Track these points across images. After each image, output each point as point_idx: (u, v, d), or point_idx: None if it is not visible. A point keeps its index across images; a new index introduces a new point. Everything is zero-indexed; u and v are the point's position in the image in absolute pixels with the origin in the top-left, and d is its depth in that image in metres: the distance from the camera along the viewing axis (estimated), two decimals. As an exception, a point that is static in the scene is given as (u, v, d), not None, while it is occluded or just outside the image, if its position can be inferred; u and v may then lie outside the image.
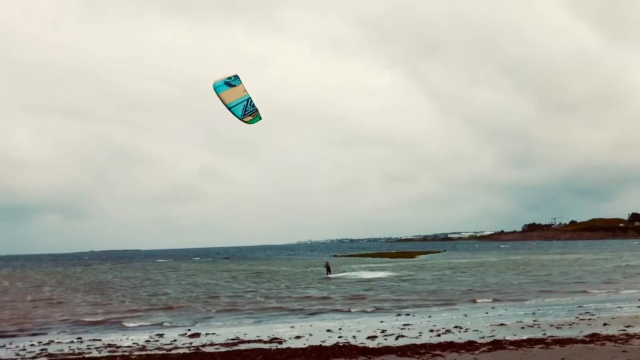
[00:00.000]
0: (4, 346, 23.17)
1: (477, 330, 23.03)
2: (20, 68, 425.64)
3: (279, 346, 20.66)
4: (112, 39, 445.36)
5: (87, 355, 20.10)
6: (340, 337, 22.52)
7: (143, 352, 20.25)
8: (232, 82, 14.02)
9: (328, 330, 24.33)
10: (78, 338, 24.75)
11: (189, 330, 26.18)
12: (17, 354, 20.93)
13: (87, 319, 31.93)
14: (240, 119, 14.13)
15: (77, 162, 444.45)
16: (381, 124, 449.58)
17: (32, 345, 23.14)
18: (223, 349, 20.38)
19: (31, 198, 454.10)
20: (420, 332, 23.03)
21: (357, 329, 24.76)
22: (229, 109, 13.82)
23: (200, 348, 20.91)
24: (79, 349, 21.94)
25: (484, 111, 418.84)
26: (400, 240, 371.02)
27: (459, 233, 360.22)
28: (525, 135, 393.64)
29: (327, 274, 59.09)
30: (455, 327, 24.11)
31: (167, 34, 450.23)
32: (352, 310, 32.99)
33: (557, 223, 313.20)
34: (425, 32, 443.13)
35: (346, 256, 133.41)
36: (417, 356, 17.41)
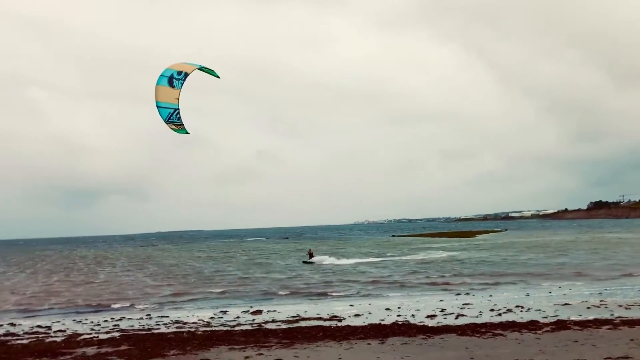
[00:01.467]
0: (80, 321, 24.63)
1: (539, 310, 22.61)
2: (85, 56, 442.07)
3: (339, 324, 21.01)
4: (173, 24, 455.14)
5: (155, 331, 21.09)
6: (399, 315, 22.65)
7: (208, 329, 21.07)
8: (176, 79, 14.23)
9: (387, 309, 24.49)
10: (147, 315, 25.99)
11: (251, 307, 26.95)
12: (92, 329, 22.20)
13: (154, 297, 33.38)
14: (165, 122, 14.18)
15: (141, 146, 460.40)
16: (439, 100, 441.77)
17: (105, 321, 24.49)
18: (284, 326, 20.92)
19: (100, 182, 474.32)
20: (480, 312, 22.83)
21: (416, 307, 24.81)
22: (157, 106, 13.97)
23: (262, 325, 21.55)
24: (148, 324, 23.05)
25: (547, 83, 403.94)
26: (459, 219, 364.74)
27: (520, 212, 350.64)
28: (592, 108, 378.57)
29: (309, 259, 58.28)
30: (517, 306, 23.74)
31: (228, 15, 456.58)
32: (410, 289, 33.01)
33: (625, 200, 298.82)
34: (484, 1, 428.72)
35: (404, 236, 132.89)
36: (477, 335, 17.31)
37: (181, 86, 14.14)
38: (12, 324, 24.40)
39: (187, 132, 14.70)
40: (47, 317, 26.70)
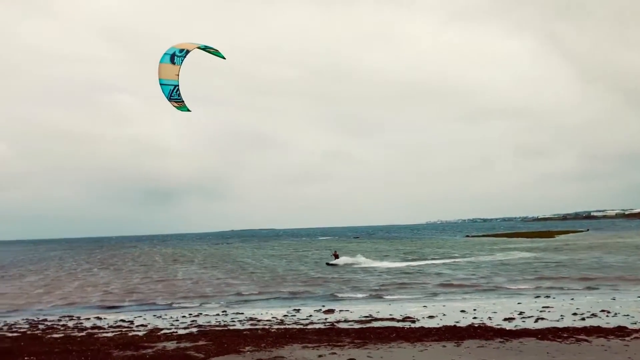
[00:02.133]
0: (160, 317, 25.65)
1: (627, 315, 21.32)
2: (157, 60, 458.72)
3: (412, 325, 20.70)
4: (244, 26, 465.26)
5: (231, 327, 21.60)
6: (475, 317, 22.03)
7: (282, 326, 21.35)
8: (177, 56, 14.36)
9: (462, 311, 23.90)
10: (223, 311, 26.70)
11: (323, 306, 27.07)
12: (171, 324, 23.06)
13: (229, 294, 34.23)
14: (168, 100, 14.31)
15: (216, 148, 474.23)
16: (513, 95, 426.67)
17: (183, 316, 25.37)
18: (357, 326, 20.85)
19: (177, 182, 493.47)
20: (561, 315, 21.81)
21: (492, 310, 24.05)
22: (160, 84, 14.16)
23: (335, 324, 21.58)
24: (224, 321, 23.67)
25: (632, 75, 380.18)
26: (537, 219, 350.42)
27: (603, 211, 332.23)
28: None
29: (333, 261, 57.08)
30: (602, 311, 22.50)
31: (297, 17, 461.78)
32: (487, 291, 32.06)
33: None
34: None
35: (479, 236, 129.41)
36: (559, 340, 16.52)
37: (181, 62, 14.36)
38: (99, 318, 25.78)
39: (188, 110, 14.89)
40: (130, 312, 28.02)
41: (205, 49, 15.05)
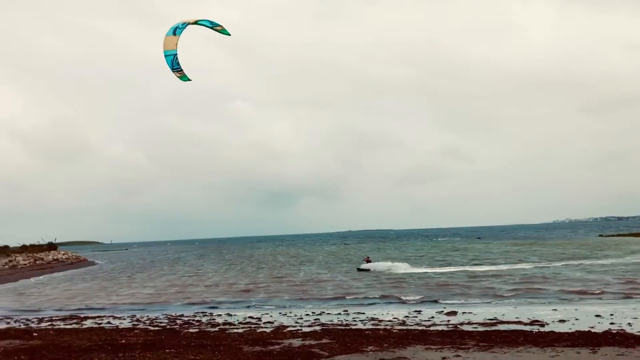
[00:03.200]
0: (285, 314, 26.68)
1: None
2: (275, 66, 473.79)
3: (541, 329, 19.74)
4: (351, 25, 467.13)
5: (353, 327, 21.93)
6: (612, 323, 20.53)
7: (403, 327, 21.31)
8: (179, 28, 15.18)
9: (597, 316, 22.36)
10: (344, 311, 27.15)
11: (444, 308, 26.59)
12: (296, 322, 23.89)
13: (349, 294, 34.64)
14: (172, 70, 15.12)
15: (331, 149, 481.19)
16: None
17: (307, 315, 26.18)
18: (481, 329, 20.27)
19: (294, 184, 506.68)
20: None
21: (632, 315, 22.27)
22: (164, 56, 15.02)
23: (458, 326, 21.14)
24: (345, 320, 24.08)
25: None
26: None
27: None
28: None
29: (364, 265, 53.44)
30: None
31: (402, 13, 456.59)
32: (623, 295, 29.66)
33: None
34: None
35: (615, 235, 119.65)
36: None
37: (180, 33, 15.23)
38: (229, 314, 27.36)
39: (189, 79, 15.62)
40: (257, 309, 29.43)
41: (211, 26, 15.81)
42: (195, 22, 15.55)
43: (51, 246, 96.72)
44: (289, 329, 21.68)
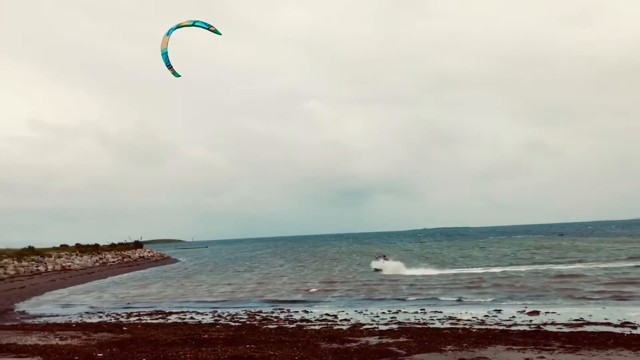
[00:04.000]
0: (361, 312, 26.72)
1: None
2: (344, 63, 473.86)
3: (633, 331, 18.69)
4: (421, 19, 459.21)
5: (430, 325, 21.65)
6: None
7: (483, 327, 20.80)
8: (171, 29, 16.33)
9: (696, 318, 20.88)
10: (421, 309, 26.84)
11: (526, 307, 25.71)
12: (372, 320, 23.88)
13: (425, 292, 34.18)
14: (167, 67, 16.46)
15: (404, 145, 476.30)
16: None
17: (383, 312, 26.09)
18: (566, 329, 19.45)
19: (368, 181, 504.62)
20: None
21: None
22: (161, 54, 16.29)
23: (541, 326, 20.40)
24: (423, 319, 23.80)
25: None
26: None
27: None
28: None
29: (380, 262, 50.60)
30: None
31: (479, 5, 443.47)
32: None
33: None
34: None
35: None
36: None
37: (171, 33, 16.49)
38: (306, 311, 27.75)
39: (178, 75, 16.83)
40: (333, 306, 29.62)
41: (204, 26, 16.77)
42: (193, 24, 16.83)
43: (137, 244, 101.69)
44: (365, 326, 21.70)
